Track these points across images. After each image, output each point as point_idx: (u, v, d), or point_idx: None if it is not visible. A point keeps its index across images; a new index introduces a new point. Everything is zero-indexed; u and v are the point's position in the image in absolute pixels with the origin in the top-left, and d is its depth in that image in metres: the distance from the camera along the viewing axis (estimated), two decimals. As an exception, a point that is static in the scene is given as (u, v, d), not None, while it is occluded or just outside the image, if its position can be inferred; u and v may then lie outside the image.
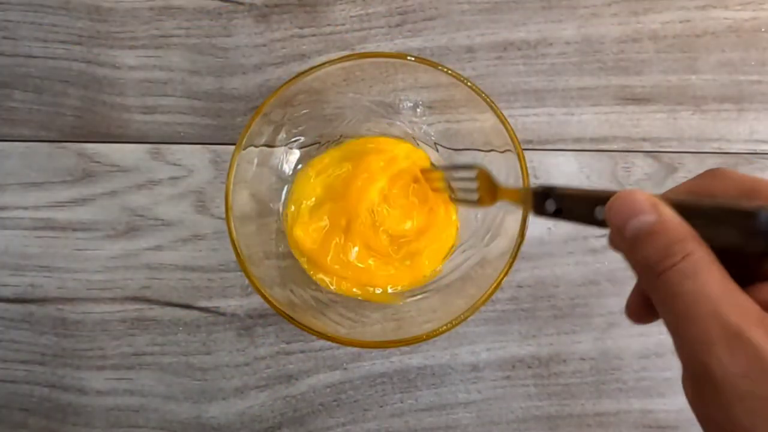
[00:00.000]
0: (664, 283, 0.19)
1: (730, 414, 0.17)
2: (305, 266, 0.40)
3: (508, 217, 0.36)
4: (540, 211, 0.28)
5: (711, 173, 0.22)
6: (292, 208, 0.41)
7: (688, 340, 0.18)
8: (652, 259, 0.20)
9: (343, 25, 0.47)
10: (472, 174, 0.36)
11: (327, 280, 0.40)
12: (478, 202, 0.36)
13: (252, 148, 0.37)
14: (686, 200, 0.21)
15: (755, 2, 0.48)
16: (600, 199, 0.23)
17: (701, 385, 0.18)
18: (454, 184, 0.38)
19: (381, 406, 0.42)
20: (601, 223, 0.23)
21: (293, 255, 0.40)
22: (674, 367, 0.41)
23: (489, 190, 0.35)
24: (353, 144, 0.42)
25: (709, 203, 0.20)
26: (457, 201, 0.39)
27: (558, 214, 0.27)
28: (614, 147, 0.46)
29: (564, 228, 0.44)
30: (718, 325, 0.17)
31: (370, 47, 0.46)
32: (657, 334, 0.42)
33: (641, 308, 0.24)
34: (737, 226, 0.19)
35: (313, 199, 0.41)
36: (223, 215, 0.34)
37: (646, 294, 0.21)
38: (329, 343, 0.34)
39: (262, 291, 0.33)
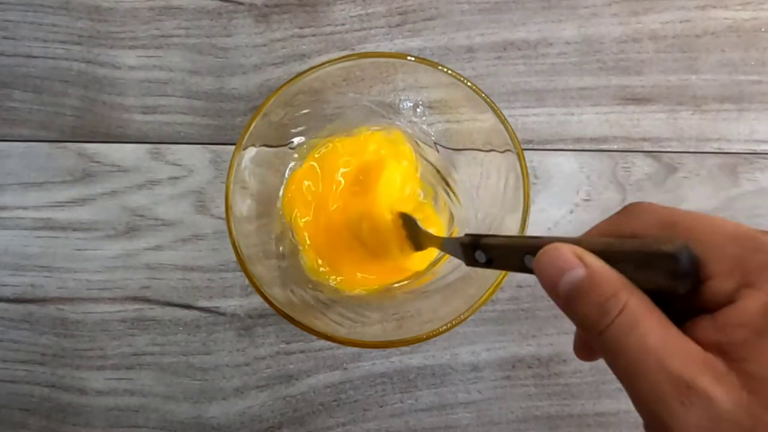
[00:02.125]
0: (606, 341, 0.19)
1: None
2: (309, 256, 0.40)
3: (508, 217, 0.36)
4: (471, 261, 0.28)
5: (630, 209, 0.22)
6: (295, 210, 0.41)
7: (640, 396, 0.18)
8: (590, 318, 0.19)
9: (343, 25, 0.47)
10: (399, 222, 0.36)
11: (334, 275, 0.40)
12: (414, 249, 0.36)
13: (252, 148, 0.37)
14: (610, 244, 0.20)
15: (755, 2, 0.48)
16: (527, 247, 0.23)
17: None
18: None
19: (381, 406, 0.42)
20: (531, 271, 0.23)
21: (293, 255, 0.40)
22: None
23: (417, 237, 0.35)
24: (349, 141, 0.42)
25: (631, 247, 0.20)
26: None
27: (489, 263, 0.27)
28: (614, 147, 0.46)
29: (564, 228, 0.44)
30: (665, 378, 0.17)
31: (370, 47, 0.46)
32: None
33: (586, 348, 0.24)
34: (662, 268, 0.19)
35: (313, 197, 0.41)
36: (223, 215, 0.34)
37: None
38: (329, 343, 0.34)
39: (262, 291, 0.33)
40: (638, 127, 0.46)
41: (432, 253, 0.40)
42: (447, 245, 0.32)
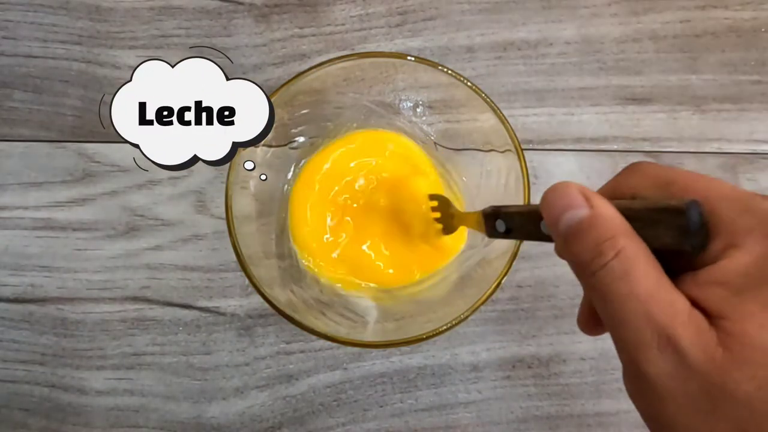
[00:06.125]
0: (597, 283, 0.19)
1: (663, 410, 0.18)
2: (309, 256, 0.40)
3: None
4: (492, 232, 0.28)
5: (630, 168, 0.22)
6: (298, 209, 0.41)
7: (624, 342, 0.19)
8: (584, 258, 0.19)
9: (343, 25, 0.47)
10: (434, 203, 0.36)
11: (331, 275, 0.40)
12: (444, 231, 0.36)
13: (252, 148, 0.36)
14: (619, 204, 0.20)
15: (755, 2, 0.48)
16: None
17: (638, 383, 0.19)
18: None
19: (381, 406, 0.42)
20: (549, 238, 0.23)
21: (293, 255, 0.40)
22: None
23: (450, 218, 0.35)
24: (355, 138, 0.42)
25: (640, 205, 0.20)
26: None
27: (509, 233, 0.27)
28: (614, 147, 0.46)
29: (564, 228, 0.44)
30: (648, 326, 0.18)
31: (370, 47, 0.46)
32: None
33: (590, 318, 0.24)
34: (670, 224, 0.18)
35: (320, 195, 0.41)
36: (223, 215, 0.34)
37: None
38: (329, 343, 0.34)
39: (262, 291, 0.33)
40: (638, 127, 0.46)
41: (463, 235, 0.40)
42: (474, 220, 0.32)
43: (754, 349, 0.17)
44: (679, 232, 0.18)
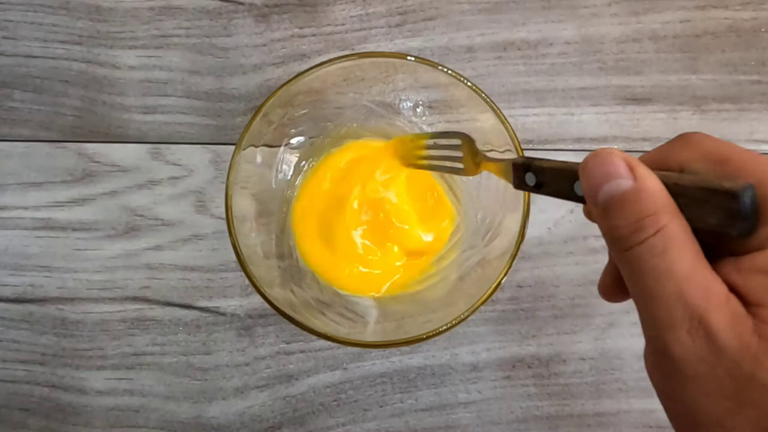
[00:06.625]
0: (632, 258, 0.18)
1: (684, 391, 0.18)
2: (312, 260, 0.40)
3: (508, 216, 0.36)
4: (520, 184, 0.27)
5: (682, 138, 0.21)
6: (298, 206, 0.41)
7: (653, 319, 0.18)
8: (622, 231, 0.19)
9: (343, 25, 0.47)
10: (456, 142, 0.34)
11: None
12: (464, 171, 0.34)
13: (252, 148, 0.37)
14: (667, 177, 0.19)
15: (755, 2, 0.48)
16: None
17: (661, 361, 0.18)
18: (436, 152, 0.36)
19: (381, 406, 0.42)
20: (581, 199, 0.22)
21: (293, 255, 0.40)
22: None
23: (473, 160, 0.33)
24: (354, 145, 0.42)
25: (690, 182, 0.19)
26: (440, 169, 0.37)
27: (539, 187, 0.26)
28: (614, 147, 0.46)
29: (564, 228, 0.44)
30: (682, 307, 0.17)
31: (370, 47, 0.46)
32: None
33: (613, 285, 0.23)
34: (720, 207, 0.18)
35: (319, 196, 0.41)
36: (223, 215, 0.34)
37: (618, 269, 0.21)
38: (329, 343, 0.34)
39: (262, 291, 0.33)
40: (638, 127, 0.46)
41: (446, 232, 0.40)
42: (500, 166, 0.31)
43: None
44: (727, 215, 0.18)
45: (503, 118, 0.34)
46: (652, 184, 0.19)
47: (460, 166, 0.34)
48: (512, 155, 0.34)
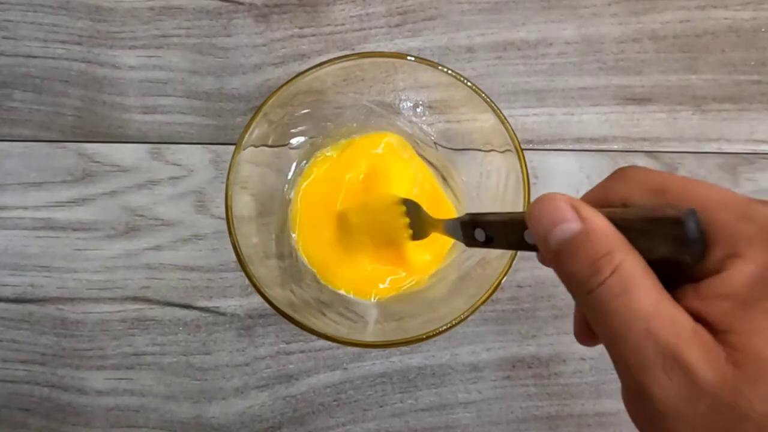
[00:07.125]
0: (594, 302, 0.18)
1: (670, 430, 0.17)
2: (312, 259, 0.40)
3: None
4: (471, 241, 0.27)
5: (619, 173, 0.21)
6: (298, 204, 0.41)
7: (625, 361, 0.18)
8: (579, 276, 0.18)
9: (343, 25, 0.47)
10: (403, 208, 0.35)
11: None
12: (413, 237, 0.35)
13: (252, 148, 0.37)
14: (612, 213, 0.19)
15: (755, 2, 0.48)
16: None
17: (641, 403, 0.18)
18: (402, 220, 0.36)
19: (381, 406, 0.42)
20: (533, 248, 0.22)
21: (293, 255, 0.40)
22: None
23: (420, 223, 0.34)
24: (356, 143, 0.42)
25: (634, 215, 0.18)
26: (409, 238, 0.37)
27: (489, 242, 0.26)
28: (614, 147, 0.46)
29: (564, 228, 0.44)
30: (652, 346, 0.17)
31: (370, 47, 0.46)
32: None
33: (586, 329, 0.23)
34: (667, 235, 0.18)
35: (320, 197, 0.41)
36: (223, 215, 0.34)
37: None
38: (329, 343, 0.34)
39: (262, 291, 0.33)
40: (638, 127, 0.46)
41: (437, 260, 0.40)
42: (448, 227, 0.31)
43: (765, 366, 0.16)
44: (676, 242, 0.17)
45: (503, 118, 0.34)
46: (600, 222, 0.18)
47: (410, 231, 0.35)
48: (512, 155, 0.34)
